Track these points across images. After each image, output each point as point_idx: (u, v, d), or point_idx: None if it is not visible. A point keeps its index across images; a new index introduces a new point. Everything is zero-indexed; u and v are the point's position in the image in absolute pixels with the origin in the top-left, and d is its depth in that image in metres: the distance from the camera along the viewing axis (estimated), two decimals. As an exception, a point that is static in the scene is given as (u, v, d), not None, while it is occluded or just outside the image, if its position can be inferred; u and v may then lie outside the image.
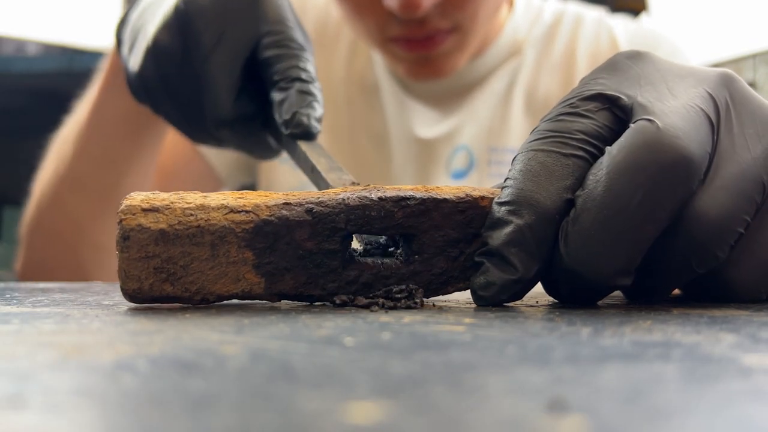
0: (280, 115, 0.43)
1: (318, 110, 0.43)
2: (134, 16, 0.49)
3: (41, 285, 0.47)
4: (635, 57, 0.34)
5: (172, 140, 0.73)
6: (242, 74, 0.45)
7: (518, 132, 0.74)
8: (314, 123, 0.43)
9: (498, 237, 0.30)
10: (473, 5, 0.63)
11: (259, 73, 0.45)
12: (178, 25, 0.45)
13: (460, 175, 0.75)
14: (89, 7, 1.74)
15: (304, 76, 0.44)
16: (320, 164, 0.40)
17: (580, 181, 0.30)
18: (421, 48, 0.65)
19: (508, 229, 0.30)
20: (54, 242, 0.70)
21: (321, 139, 0.46)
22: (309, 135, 0.43)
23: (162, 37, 0.45)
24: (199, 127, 0.47)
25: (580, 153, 0.31)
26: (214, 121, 0.45)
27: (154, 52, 0.45)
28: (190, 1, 0.45)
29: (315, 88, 0.44)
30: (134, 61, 0.47)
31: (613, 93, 0.32)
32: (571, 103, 0.32)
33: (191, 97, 0.45)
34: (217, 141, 0.49)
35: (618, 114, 0.32)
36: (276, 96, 0.44)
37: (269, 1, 0.45)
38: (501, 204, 0.31)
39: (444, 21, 0.63)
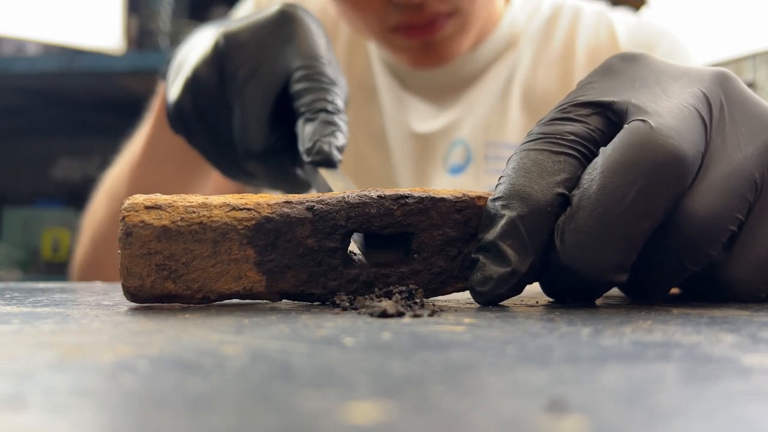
0: (303, 144, 0.43)
1: (340, 139, 0.43)
2: (180, 53, 0.51)
3: (41, 285, 0.47)
4: (630, 59, 0.34)
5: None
6: (273, 108, 0.45)
7: (516, 127, 0.74)
8: (335, 151, 0.42)
9: (492, 231, 0.31)
10: None
11: (290, 108, 0.46)
12: (216, 59, 0.47)
13: (457, 170, 0.74)
14: (89, 7, 1.74)
15: (330, 108, 0.44)
16: (336, 188, 0.39)
17: (572, 178, 0.31)
18: (422, 34, 0.65)
19: (501, 222, 0.30)
20: (111, 278, 0.71)
21: None
22: (330, 163, 0.42)
23: (201, 69, 0.47)
24: (230, 160, 0.48)
25: (572, 152, 0.31)
26: (245, 153, 0.46)
27: (192, 83, 0.47)
28: (229, 37, 0.47)
29: (340, 119, 0.44)
30: (173, 92, 0.49)
31: (605, 99, 0.32)
32: (564, 109, 0.33)
33: (223, 128, 0.47)
34: (247, 175, 0.50)
35: (611, 118, 0.32)
36: (300, 126, 0.44)
37: (304, 37, 0.46)
38: (494, 200, 0.31)
39: (443, 4, 0.63)
